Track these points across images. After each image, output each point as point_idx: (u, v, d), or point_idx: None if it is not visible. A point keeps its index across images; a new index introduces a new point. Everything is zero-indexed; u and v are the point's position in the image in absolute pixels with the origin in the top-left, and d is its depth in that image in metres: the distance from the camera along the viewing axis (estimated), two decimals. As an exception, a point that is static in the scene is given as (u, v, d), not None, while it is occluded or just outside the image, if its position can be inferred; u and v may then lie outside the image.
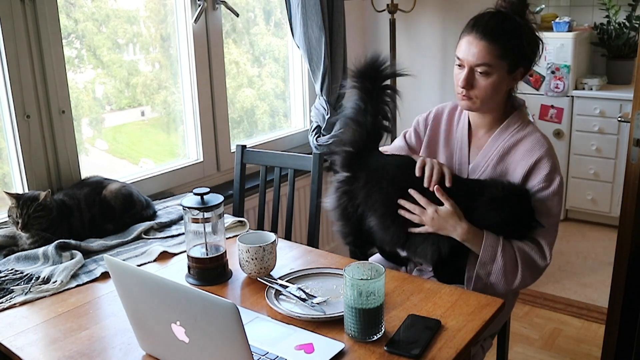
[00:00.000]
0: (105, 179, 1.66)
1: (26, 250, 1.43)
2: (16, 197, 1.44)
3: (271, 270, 1.30)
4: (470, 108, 1.38)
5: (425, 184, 1.29)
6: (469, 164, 1.44)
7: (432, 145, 1.51)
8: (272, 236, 1.30)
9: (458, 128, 1.47)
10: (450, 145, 1.47)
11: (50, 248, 1.39)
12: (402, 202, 1.31)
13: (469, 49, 1.31)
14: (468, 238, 1.29)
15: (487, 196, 1.28)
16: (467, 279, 1.33)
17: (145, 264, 1.40)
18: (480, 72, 1.31)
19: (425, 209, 1.29)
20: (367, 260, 1.49)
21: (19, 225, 1.42)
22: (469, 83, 1.32)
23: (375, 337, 1.04)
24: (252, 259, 1.26)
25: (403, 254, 1.45)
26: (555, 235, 1.34)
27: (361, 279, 1.02)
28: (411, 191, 1.30)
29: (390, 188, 1.33)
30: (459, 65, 1.35)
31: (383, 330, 1.05)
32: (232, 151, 2.19)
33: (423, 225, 1.31)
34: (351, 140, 1.40)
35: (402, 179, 1.33)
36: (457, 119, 1.48)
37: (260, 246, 1.25)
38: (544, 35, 1.42)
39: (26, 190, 1.61)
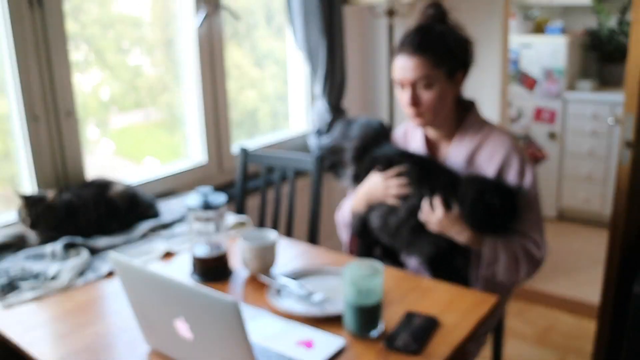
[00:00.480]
0: (111, 180, 1.68)
1: (34, 248, 1.45)
2: (26, 197, 1.47)
3: (272, 268, 1.32)
4: (424, 124, 1.38)
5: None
6: None
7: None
8: (273, 235, 1.31)
9: (412, 147, 1.47)
10: None
11: (57, 246, 1.41)
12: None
13: (404, 68, 1.32)
14: (473, 244, 1.32)
15: (473, 190, 1.29)
16: (474, 281, 1.36)
17: (150, 261, 1.41)
18: (422, 87, 1.32)
19: (433, 209, 1.31)
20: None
21: (29, 223, 1.45)
22: (416, 100, 1.33)
23: (374, 334, 1.05)
24: (254, 257, 1.27)
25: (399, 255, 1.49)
26: (542, 224, 1.36)
27: (360, 277, 1.04)
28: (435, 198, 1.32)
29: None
30: (401, 87, 1.35)
31: (382, 326, 1.07)
32: (234, 152, 2.22)
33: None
34: (359, 135, 1.43)
35: (412, 173, 1.36)
36: (412, 138, 1.49)
37: (262, 244, 1.27)
38: (538, 39, 1.44)
39: (35, 190, 1.63)
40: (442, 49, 1.32)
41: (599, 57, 3.42)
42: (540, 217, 1.37)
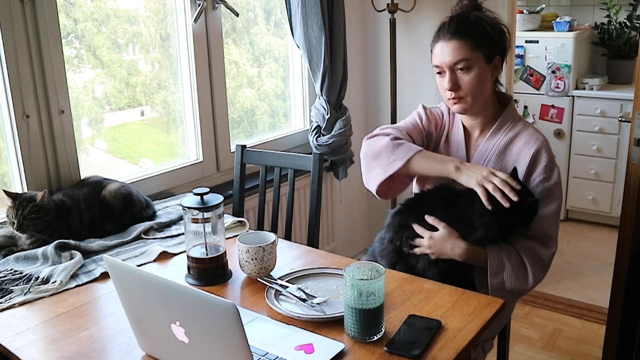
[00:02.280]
0: (105, 179, 1.66)
1: (25, 250, 1.43)
2: (13, 196, 1.44)
3: (271, 271, 1.30)
4: (464, 109, 1.39)
5: (506, 205, 1.22)
6: None
7: (431, 140, 1.51)
8: (272, 236, 1.30)
9: (453, 130, 1.49)
10: (449, 146, 1.49)
11: (49, 248, 1.39)
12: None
13: (442, 53, 1.35)
14: (469, 257, 1.30)
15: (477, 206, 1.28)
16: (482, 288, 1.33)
17: (144, 264, 1.39)
18: (461, 69, 1.34)
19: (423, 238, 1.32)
20: None
21: (15, 226, 1.42)
22: (455, 83, 1.35)
23: (376, 338, 1.03)
24: (252, 259, 1.26)
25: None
26: (558, 222, 1.36)
27: (361, 279, 1.02)
28: (413, 225, 1.33)
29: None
30: (439, 73, 1.38)
31: (383, 330, 1.05)
32: (231, 151, 2.19)
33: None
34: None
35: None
36: (453, 121, 1.50)
37: (260, 246, 1.25)
38: (545, 35, 1.45)
39: (25, 190, 1.61)
40: (479, 33, 1.34)
41: (608, 53, 3.37)
42: (558, 215, 1.36)
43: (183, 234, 1.51)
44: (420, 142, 1.46)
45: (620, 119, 2.18)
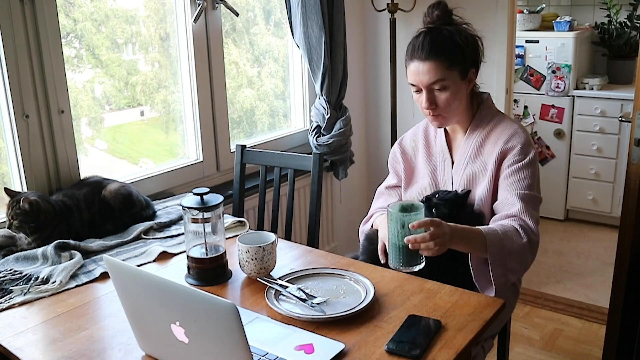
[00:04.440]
0: (105, 178, 1.66)
1: (25, 250, 1.42)
2: (11, 195, 1.44)
3: (271, 271, 1.30)
4: (442, 124, 1.43)
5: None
6: (452, 167, 1.47)
7: (410, 168, 1.54)
8: (272, 236, 1.29)
9: (437, 142, 1.51)
10: (432, 159, 1.51)
11: (49, 248, 1.38)
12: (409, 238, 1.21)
13: (417, 73, 1.36)
14: (462, 235, 1.23)
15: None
16: (483, 286, 1.31)
17: (144, 264, 1.39)
18: (437, 89, 1.36)
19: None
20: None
21: (8, 225, 1.42)
22: (433, 102, 1.37)
23: (418, 268, 1.17)
24: (252, 259, 1.26)
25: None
26: (535, 209, 1.34)
27: (404, 213, 1.15)
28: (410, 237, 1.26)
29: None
30: (417, 91, 1.40)
31: (424, 261, 1.17)
32: (231, 151, 2.19)
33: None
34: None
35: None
36: (434, 133, 1.53)
37: (260, 246, 1.25)
38: (545, 35, 1.44)
39: (25, 190, 1.60)
40: (454, 51, 1.35)
41: (608, 53, 3.37)
42: (534, 200, 1.35)
43: (183, 234, 1.50)
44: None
45: (620, 119, 2.18)
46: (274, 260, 1.30)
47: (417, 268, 1.17)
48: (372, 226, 1.52)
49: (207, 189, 1.26)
